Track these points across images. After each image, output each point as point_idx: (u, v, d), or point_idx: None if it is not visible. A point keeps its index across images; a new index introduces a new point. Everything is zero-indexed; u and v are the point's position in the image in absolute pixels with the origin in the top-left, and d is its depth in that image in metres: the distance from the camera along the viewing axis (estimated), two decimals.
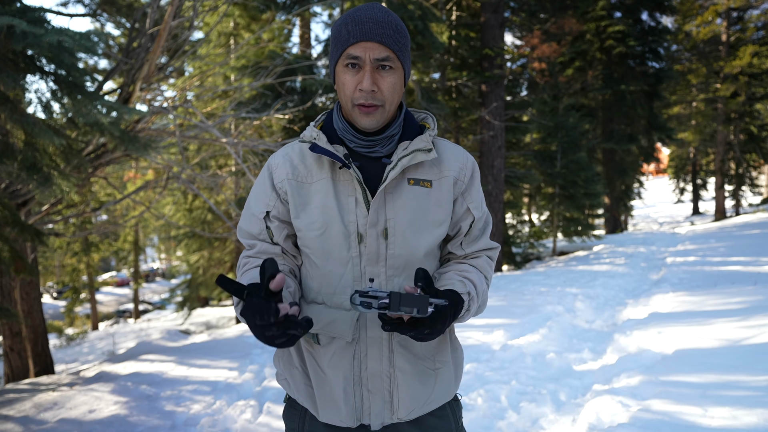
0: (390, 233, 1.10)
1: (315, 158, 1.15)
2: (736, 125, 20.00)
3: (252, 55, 9.84)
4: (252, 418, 3.21)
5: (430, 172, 1.15)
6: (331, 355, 1.13)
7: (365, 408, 1.14)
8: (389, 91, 1.08)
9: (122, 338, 14.18)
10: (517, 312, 5.50)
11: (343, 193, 1.11)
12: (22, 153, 3.29)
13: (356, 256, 1.11)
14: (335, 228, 1.10)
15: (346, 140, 1.14)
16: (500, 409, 3.08)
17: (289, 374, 1.21)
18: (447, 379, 1.20)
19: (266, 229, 1.15)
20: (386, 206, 1.11)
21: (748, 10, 19.00)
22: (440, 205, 1.15)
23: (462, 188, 1.18)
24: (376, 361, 1.12)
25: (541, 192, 14.38)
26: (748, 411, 2.53)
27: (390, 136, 1.14)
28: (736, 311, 4.57)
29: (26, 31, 2.65)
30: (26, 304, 5.69)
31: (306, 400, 1.18)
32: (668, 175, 33.42)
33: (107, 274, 32.35)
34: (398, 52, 1.07)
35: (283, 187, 1.14)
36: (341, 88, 1.10)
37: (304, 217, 1.12)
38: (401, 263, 1.12)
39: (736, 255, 8.42)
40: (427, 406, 1.18)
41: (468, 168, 1.20)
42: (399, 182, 1.12)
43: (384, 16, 1.06)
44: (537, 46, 11.34)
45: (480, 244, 1.23)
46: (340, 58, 1.08)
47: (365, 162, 1.14)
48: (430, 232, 1.14)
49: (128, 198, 6.22)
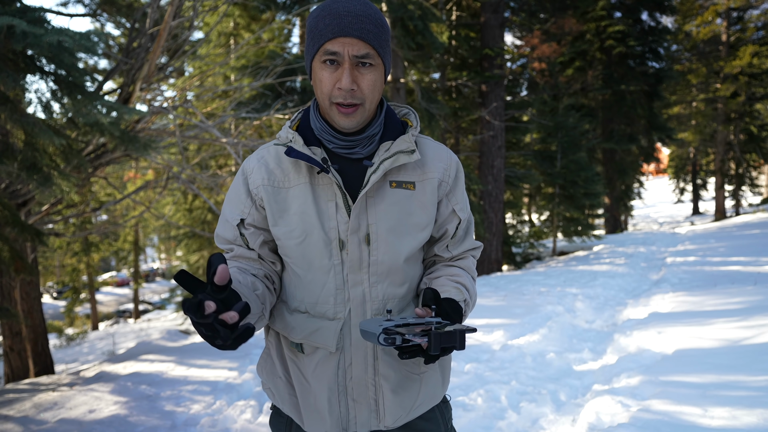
0: (372, 239, 1.06)
1: (292, 161, 1.09)
2: (736, 125, 20.00)
3: (252, 55, 9.85)
4: (252, 418, 3.21)
5: (413, 174, 1.11)
6: (315, 364, 1.09)
7: (351, 418, 1.11)
8: (369, 89, 1.02)
9: (122, 338, 14.18)
10: (517, 312, 5.50)
11: (323, 198, 1.06)
12: (22, 153, 3.29)
13: (338, 264, 1.06)
14: (315, 235, 1.05)
15: (324, 141, 1.09)
16: (500, 409, 3.08)
17: (273, 384, 1.18)
18: (433, 384, 1.17)
19: (240, 236, 1.10)
20: (368, 211, 1.06)
21: (748, 10, 19.01)
22: (424, 207, 1.10)
23: (447, 189, 1.14)
24: (361, 370, 1.09)
25: (541, 192, 14.38)
26: (748, 411, 2.53)
27: (370, 135, 1.09)
28: (736, 311, 4.57)
29: (26, 31, 2.65)
30: (26, 304, 5.69)
31: (291, 410, 1.15)
32: (668, 175, 33.43)
33: (107, 274, 32.35)
34: (378, 48, 1.02)
35: (259, 193, 1.08)
36: (318, 85, 1.04)
37: (282, 225, 1.07)
38: (384, 269, 1.08)
39: (736, 255, 8.42)
40: (414, 412, 1.14)
41: (452, 168, 1.15)
42: (381, 186, 1.07)
43: (363, 8, 1.00)
44: (537, 46, 11.35)
45: (465, 245, 1.20)
46: (317, 53, 1.02)
47: (344, 164, 1.08)
48: (413, 236, 1.10)
49: (128, 198, 6.22)
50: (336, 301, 1.07)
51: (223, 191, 8.47)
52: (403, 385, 1.11)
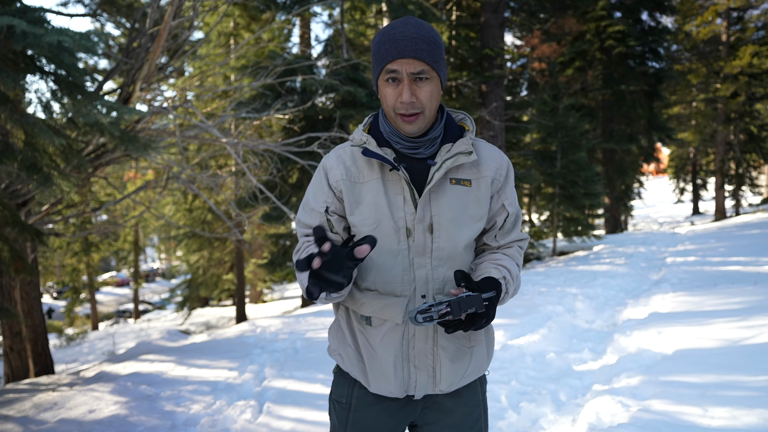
0: (435, 228, 1.23)
1: (365, 160, 1.27)
2: (736, 125, 20.00)
3: (252, 55, 9.85)
4: (252, 418, 3.21)
5: (470, 172, 1.28)
6: (382, 335, 1.26)
7: (412, 381, 1.28)
8: (427, 99, 1.18)
9: (122, 338, 14.19)
10: (517, 312, 5.50)
11: (392, 191, 1.23)
12: (22, 153, 3.29)
13: (405, 249, 1.23)
14: (386, 223, 1.22)
15: (393, 142, 1.26)
16: (500, 409, 3.08)
17: (343, 350, 1.36)
18: (480, 357, 1.35)
19: (327, 222, 1.27)
20: (431, 204, 1.23)
21: (748, 10, 19.00)
22: (479, 202, 1.27)
23: (498, 187, 1.31)
24: (422, 341, 1.26)
25: (541, 192, 14.37)
26: (747, 411, 2.53)
27: (433, 138, 1.25)
28: (736, 311, 4.57)
29: (26, 31, 2.65)
30: (26, 304, 5.69)
31: (358, 374, 1.33)
32: (668, 175, 33.43)
33: (107, 274, 32.37)
34: (432, 64, 1.17)
35: (338, 186, 1.26)
36: (384, 99, 1.21)
37: (358, 214, 1.24)
38: (445, 255, 1.24)
39: (736, 255, 8.42)
40: (464, 379, 1.33)
41: (503, 168, 1.32)
42: (442, 182, 1.24)
43: (417, 30, 1.17)
44: (537, 46, 11.34)
45: (512, 236, 1.37)
46: (381, 73, 1.20)
47: (411, 163, 1.25)
48: (469, 227, 1.27)
49: (128, 198, 6.22)
50: (403, 280, 1.24)
51: (223, 191, 8.47)
52: (457, 355, 1.29)
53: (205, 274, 13.89)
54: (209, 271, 13.92)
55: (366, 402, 1.34)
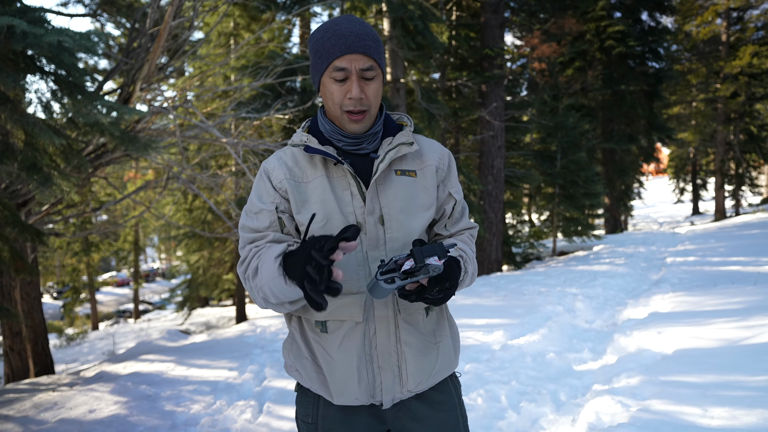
0: (386, 219, 1.22)
1: (307, 159, 1.25)
2: (736, 125, 19.99)
3: (252, 55, 9.84)
4: (252, 418, 3.21)
5: (414, 163, 1.29)
6: (341, 339, 1.22)
7: (377, 384, 1.23)
8: (374, 96, 1.20)
9: (122, 338, 14.19)
10: (517, 312, 5.50)
11: (339, 187, 1.22)
12: (22, 153, 3.29)
13: (358, 243, 1.16)
14: (336, 219, 1.19)
15: (334, 140, 1.25)
16: (500, 409, 3.08)
17: (300, 365, 1.30)
18: (447, 352, 1.32)
19: (278, 220, 1.23)
20: (379, 196, 1.22)
21: (748, 10, 18.99)
22: (426, 191, 1.28)
23: (443, 176, 1.33)
24: (384, 338, 1.23)
25: (541, 192, 14.38)
26: (747, 411, 2.54)
27: (374, 133, 1.26)
28: (736, 311, 4.57)
29: (26, 31, 2.65)
30: (26, 304, 5.69)
31: (320, 388, 1.27)
32: (668, 175, 33.41)
33: (107, 274, 32.35)
34: (378, 60, 1.20)
35: (283, 186, 1.23)
36: (329, 97, 1.20)
37: (305, 212, 1.21)
38: (399, 246, 1.23)
39: (736, 255, 8.42)
40: (433, 378, 1.28)
41: (445, 158, 1.35)
42: (387, 174, 1.25)
43: (362, 28, 1.18)
44: (537, 46, 11.34)
45: (462, 224, 1.38)
46: (326, 70, 1.19)
47: (354, 159, 1.25)
48: (420, 215, 1.26)
49: (128, 198, 6.22)
50: (358, 276, 1.20)
51: (223, 191, 8.47)
52: (422, 351, 1.26)
53: (205, 274, 13.88)
54: (209, 271, 13.91)
55: (334, 420, 1.28)
